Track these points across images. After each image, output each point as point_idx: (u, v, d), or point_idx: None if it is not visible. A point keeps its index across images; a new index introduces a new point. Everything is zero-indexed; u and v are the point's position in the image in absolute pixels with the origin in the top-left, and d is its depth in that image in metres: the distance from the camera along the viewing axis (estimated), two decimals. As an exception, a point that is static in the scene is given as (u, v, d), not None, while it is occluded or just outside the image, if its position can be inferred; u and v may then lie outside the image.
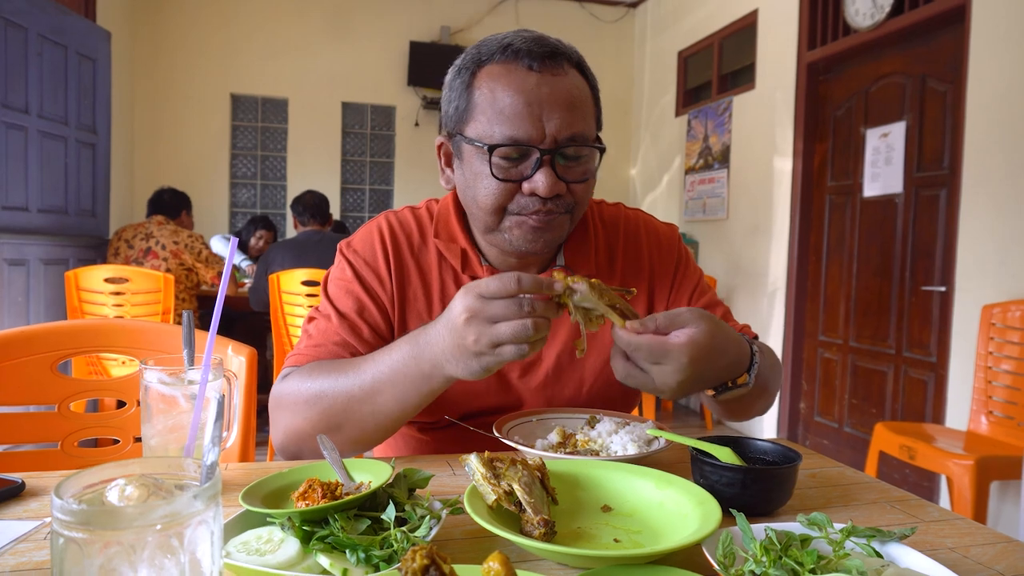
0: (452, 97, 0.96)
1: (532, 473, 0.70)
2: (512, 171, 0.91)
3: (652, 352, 0.78)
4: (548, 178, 0.90)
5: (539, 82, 0.90)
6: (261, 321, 3.73)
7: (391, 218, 1.07)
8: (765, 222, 4.24)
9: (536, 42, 0.92)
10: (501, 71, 0.91)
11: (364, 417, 0.88)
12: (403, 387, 0.85)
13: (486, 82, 0.92)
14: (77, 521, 0.39)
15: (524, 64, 0.90)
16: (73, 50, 3.75)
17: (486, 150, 0.90)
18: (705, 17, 4.94)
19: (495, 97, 0.90)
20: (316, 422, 0.90)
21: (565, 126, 0.90)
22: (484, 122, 0.91)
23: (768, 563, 0.56)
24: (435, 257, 1.05)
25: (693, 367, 0.78)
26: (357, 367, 0.89)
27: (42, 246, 3.55)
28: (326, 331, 1.00)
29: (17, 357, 1.08)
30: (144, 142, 5.28)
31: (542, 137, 0.89)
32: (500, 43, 0.93)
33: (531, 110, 0.89)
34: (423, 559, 0.43)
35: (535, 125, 0.89)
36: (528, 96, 0.89)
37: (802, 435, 4.03)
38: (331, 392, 0.89)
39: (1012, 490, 2.56)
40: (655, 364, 0.79)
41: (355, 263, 1.03)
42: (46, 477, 0.83)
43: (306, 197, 3.78)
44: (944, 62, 3.11)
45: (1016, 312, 2.52)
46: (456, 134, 0.96)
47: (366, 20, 5.61)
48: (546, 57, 0.91)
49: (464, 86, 0.94)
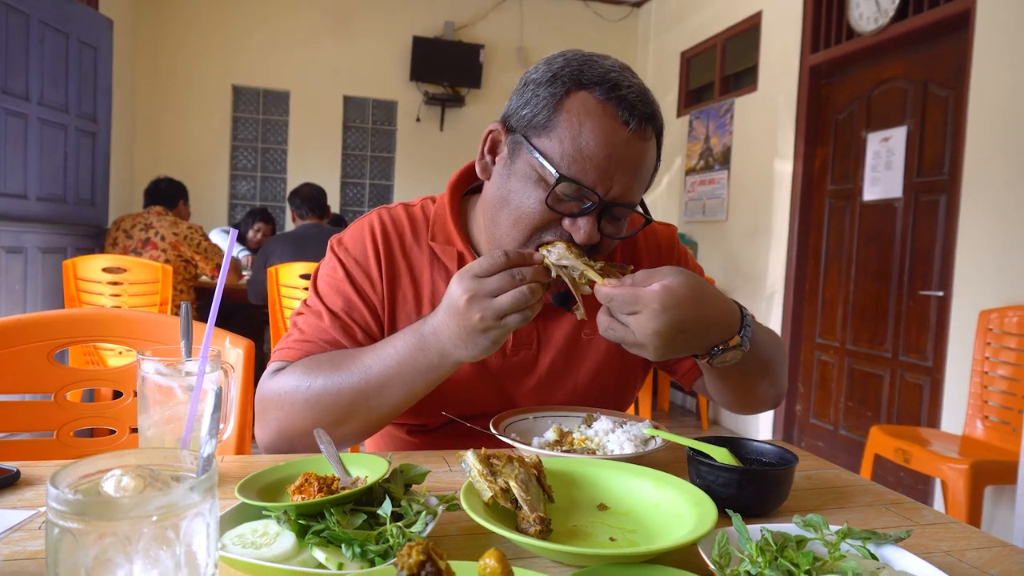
0: (534, 101, 0.91)
1: (529, 471, 0.70)
2: (562, 205, 0.89)
3: (625, 302, 0.80)
4: (590, 228, 0.89)
5: (629, 141, 0.88)
6: (259, 314, 3.73)
7: (383, 215, 1.06)
8: (765, 224, 4.24)
9: (641, 99, 0.89)
10: (598, 109, 0.88)
11: (371, 410, 0.90)
12: (411, 378, 0.88)
13: (579, 109, 0.88)
14: (72, 511, 0.38)
15: (623, 117, 0.88)
16: (75, 38, 3.73)
17: (554, 177, 0.87)
18: (709, 18, 4.94)
19: (582, 132, 0.87)
20: (318, 418, 0.90)
21: (628, 191, 0.90)
22: (559, 148, 0.88)
23: (764, 564, 0.56)
24: (427, 257, 1.04)
25: (668, 314, 0.78)
26: (358, 362, 0.90)
27: (40, 234, 3.54)
28: (316, 328, 0.99)
29: (14, 345, 1.08)
30: (144, 132, 5.27)
31: (606, 191, 0.89)
32: (606, 76, 0.89)
33: (609, 165, 0.87)
34: (419, 555, 0.43)
35: (604, 181, 0.88)
36: (613, 151, 0.87)
37: (797, 437, 4.04)
38: (335, 389, 0.89)
39: (1006, 495, 2.57)
40: (631, 315, 0.80)
41: (346, 262, 1.03)
42: (41, 466, 0.82)
43: (303, 190, 3.77)
44: (947, 68, 3.11)
45: (1013, 318, 2.52)
46: (522, 136, 0.92)
47: (369, 14, 5.60)
48: (644, 119, 0.89)
49: (554, 98, 0.89)
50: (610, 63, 0.92)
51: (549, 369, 1.05)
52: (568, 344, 1.06)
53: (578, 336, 1.07)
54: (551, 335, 1.05)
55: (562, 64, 0.91)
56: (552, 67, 0.92)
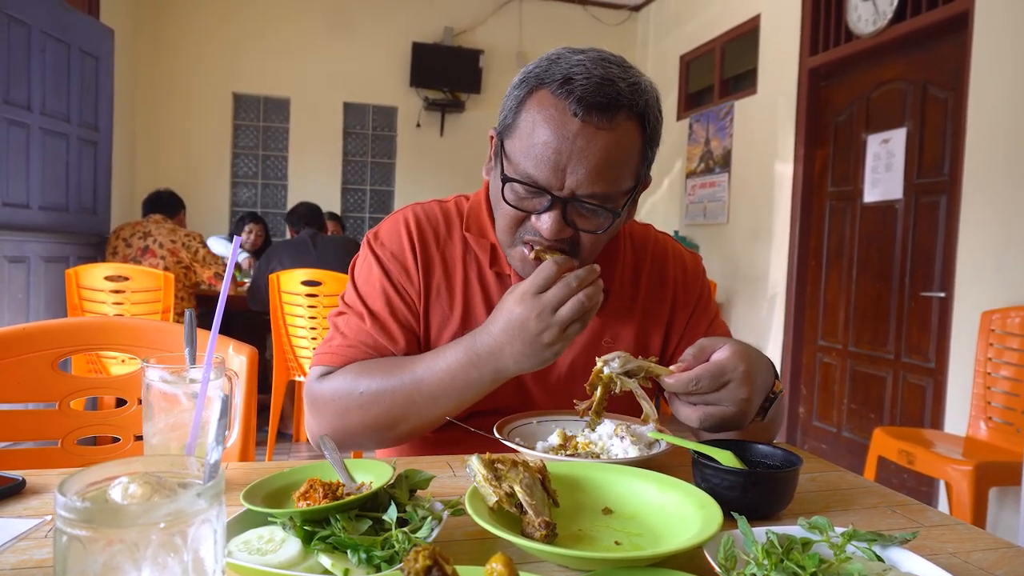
0: (507, 104, 0.94)
1: (533, 475, 0.70)
2: (526, 202, 0.91)
3: (713, 376, 0.80)
4: (554, 224, 0.89)
5: (578, 132, 0.85)
6: (259, 321, 3.74)
7: (417, 210, 1.08)
8: (765, 227, 4.24)
9: (597, 87, 0.85)
10: (550, 105, 0.87)
11: (423, 417, 0.93)
12: (463, 390, 0.90)
13: (535, 108, 0.89)
14: (81, 519, 0.39)
15: (572, 108, 0.85)
16: (76, 47, 3.75)
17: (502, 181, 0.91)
18: (707, 21, 4.95)
19: (535, 129, 0.88)
20: (369, 423, 0.94)
21: (587, 183, 0.87)
22: (519, 147, 0.90)
23: (769, 566, 0.56)
24: (460, 250, 1.06)
25: (750, 375, 0.81)
26: (410, 371, 0.92)
27: (43, 243, 3.55)
28: (359, 331, 1.01)
29: (17, 354, 1.08)
30: (146, 140, 5.28)
31: (560, 187, 0.87)
32: (565, 72, 0.87)
33: (558, 158, 0.86)
34: (426, 559, 0.43)
35: (556, 174, 0.87)
36: (562, 144, 0.86)
37: (800, 440, 4.03)
38: (389, 397, 0.92)
39: (1011, 496, 2.56)
40: (720, 387, 0.80)
41: (382, 256, 1.04)
42: (46, 475, 0.82)
43: (300, 208, 3.91)
44: (946, 69, 3.12)
45: (1015, 318, 2.52)
46: (500, 140, 0.96)
47: (369, 20, 5.62)
48: (596, 108, 0.85)
49: (518, 100, 0.91)
50: (581, 57, 0.88)
51: (569, 369, 1.06)
52: (589, 346, 1.07)
53: (599, 340, 1.07)
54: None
55: (534, 65, 0.92)
56: (526, 69, 0.93)
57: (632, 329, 1.08)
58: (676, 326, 1.12)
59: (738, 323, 4.46)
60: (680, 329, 1.12)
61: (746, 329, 4.38)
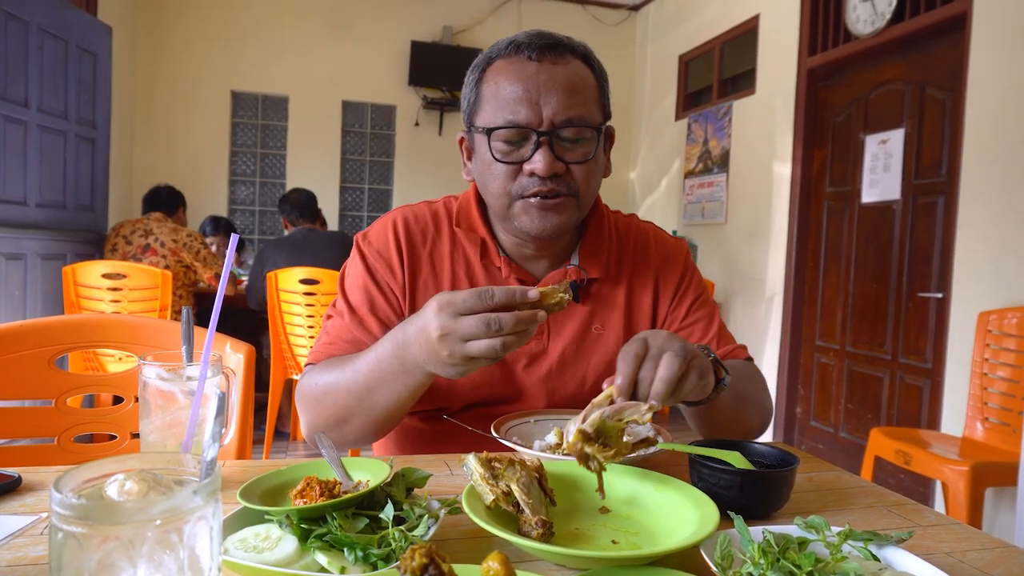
0: (466, 93, 1.03)
1: (530, 474, 0.70)
2: (513, 154, 0.96)
3: (627, 352, 0.75)
4: (546, 158, 0.93)
5: (538, 70, 0.95)
6: (255, 319, 3.73)
7: (406, 211, 1.11)
8: (763, 227, 4.24)
9: (539, 35, 0.97)
10: (505, 64, 0.97)
11: (364, 411, 0.92)
12: (392, 383, 0.88)
13: (492, 76, 0.98)
14: (76, 515, 0.38)
15: (525, 55, 0.96)
16: (74, 44, 3.74)
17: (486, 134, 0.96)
18: (706, 22, 4.95)
19: (499, 87, 0.96)
20: (327, 417, 0.94)
21: (562, 109, 0.94)
22: (489, 111, 0.97)
23: (766, 565, 0.56)
24: (448, 247, 1.08)
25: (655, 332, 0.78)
26: (354, 364, 0.91)
27: (40, 240, 3.54)
28: (340, 328, 1.03)
29: (14, 351, 1.08)
30: (144, 138, 5.27)
31: (539, 121, 0.94)
32: (508, 41, 0.99)
33: (529, 95, 0.94)
34: (422, 558, 0.43)
35: (532, 109, 0.93)
36: (527, 83, 0.94)
37: (798, 440, 4.04)
38: (335, 389, 0.93)
39: (1007, 496, 2.56)
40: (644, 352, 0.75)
41: (368, 254, 1.07)
42: (42, 472, 0.82)
43: (292, 196, 3.75)
44: (944, 70, 3.12)
45: (1012, 319, 2.53)
46: (469, 127, 1.03)
47: (368, 19, 5.61)
48: (546, 48, 0.96)
49: (475, 82, 1.01)
50: (515, 34, 1.00)
51: (560, 358, 1.07)
52: (578, 335, 1.08)
53: (588, 329, 1.08)
54: (562, 324, 1.08)
55: (480, 56, 1.03)
56: (473, 63, 1.03)
57: (619, 315, 1.10)
58: (661, 309, 1.13)
59: (736, 323, 4.47)
60: (665, 311, 1.13)
61: (744, 329, 4.38)
